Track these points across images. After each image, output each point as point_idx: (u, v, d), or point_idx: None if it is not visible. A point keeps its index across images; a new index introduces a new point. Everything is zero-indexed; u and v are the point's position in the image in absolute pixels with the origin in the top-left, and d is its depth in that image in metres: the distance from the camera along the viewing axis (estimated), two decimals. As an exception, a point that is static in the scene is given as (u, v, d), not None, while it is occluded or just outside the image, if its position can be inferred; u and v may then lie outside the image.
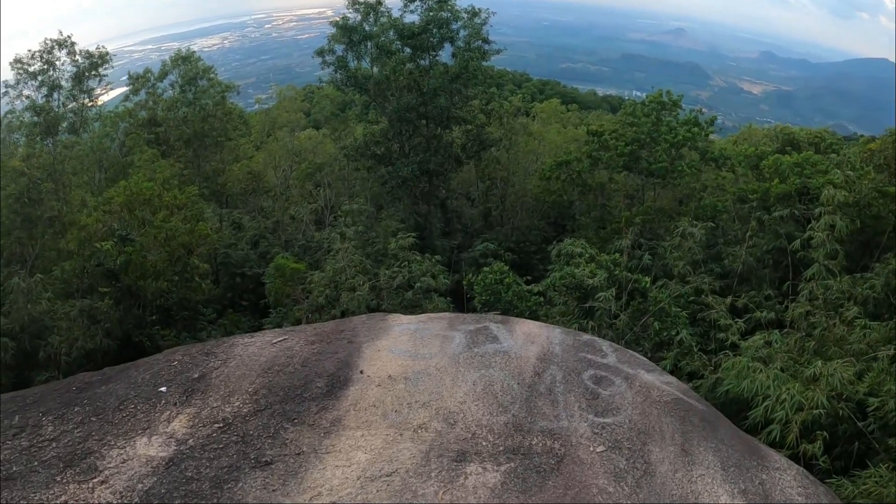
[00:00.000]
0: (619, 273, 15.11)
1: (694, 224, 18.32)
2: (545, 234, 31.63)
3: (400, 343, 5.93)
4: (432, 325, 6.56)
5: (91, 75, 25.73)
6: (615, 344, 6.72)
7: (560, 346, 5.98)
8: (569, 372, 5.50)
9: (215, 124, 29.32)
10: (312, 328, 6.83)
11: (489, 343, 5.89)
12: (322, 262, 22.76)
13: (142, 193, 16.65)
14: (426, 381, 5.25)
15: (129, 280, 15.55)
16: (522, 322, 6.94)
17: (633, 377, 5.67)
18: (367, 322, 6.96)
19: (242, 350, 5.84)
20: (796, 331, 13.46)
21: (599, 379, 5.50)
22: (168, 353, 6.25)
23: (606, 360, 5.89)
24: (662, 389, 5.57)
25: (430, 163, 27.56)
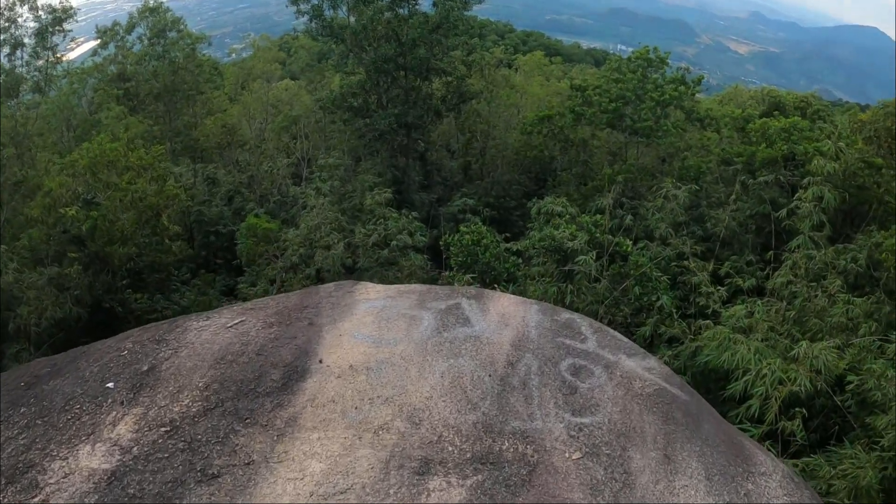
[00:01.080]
0: (601, 236, 14.74)
1: (678, 186, 17.98)
2: (525, 189, 31.15)
3: (364, 326, 5.52)
4: (400, 303, 6.15)
5: (55, 31, 24.45)
6: (595, 323, 6.37)
7: (536, 329, 5.60)
8: (545, 361, 5.13)
9: (186, 77, 28.22)
10: (274, 304, 6.39)
11: (460, 326, 5.49)
12: (297, 217, 22.21)
13: (105, 155, 15.87)
14: (390, 372, 4.86)
15: (96, 246, 14.93)
16: (497, 298, 6.55)
17: (613, 365, 5.33)
18: (333, 295, 6.55)
19: (195, 336, 5.42)
20: (778, 300, 13.34)
21: (578, 369, 5.14)
22: (120, 338, 5.81)
23: (586, 346, 5.53)
24: (644, 379, 5.23)
25: (408, 115, 26.79)
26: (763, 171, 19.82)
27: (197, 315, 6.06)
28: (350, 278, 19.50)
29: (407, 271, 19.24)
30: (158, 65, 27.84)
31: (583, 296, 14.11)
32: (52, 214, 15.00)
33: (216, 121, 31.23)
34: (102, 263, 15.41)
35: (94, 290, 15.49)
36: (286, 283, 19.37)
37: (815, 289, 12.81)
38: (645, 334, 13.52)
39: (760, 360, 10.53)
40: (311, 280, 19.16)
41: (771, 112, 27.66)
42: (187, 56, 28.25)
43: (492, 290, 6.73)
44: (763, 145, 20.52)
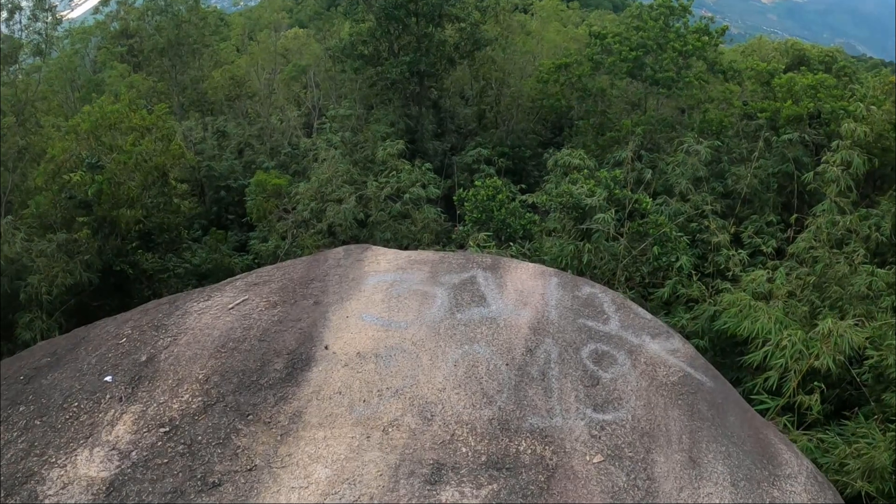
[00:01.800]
0: (619, 192, 14.28)
1: (699, 140, 17.42)
2: (541, 139, 30.52)
3: (373, 305, 5.22)
4: (412, 276, 5.83)
5: (52, -11, 23.72)
6: (618, 297, 6.03)
7: (557, 308, 5.27)
8: (566, 347, 4.81)
9: (190, 31, 27.38)
10: (279, 276, 6.09)
11: (475, 306, 5.17)
12: (309, 170, 21.84)
13: (107, 118, 15.44)
14: (400, 359, 4.58)
15: (103, 210, 14.64)
16: (514, 269, 6.20)
17: (637, 349, 5.01)
18: (342, 264, 6.23)
19: (195, 321, 5.14)
20: (798, 264, 13.00)
21: (601, 356, 4.83)
22: (120, 322, 5.55)
23: (609, 328, 5.20)
24: (669, 365, 4.92)
25: (420, 63, 26.01)
26: (787, 128, 19.21)
27: (199, 293, 5.79)
28: (362, 232, 19.33)
29: (420, 224, 18.94)
30: (161, 19, 27.06)
31: (600, 254, 13.75)
32: (57, 181, 14.69)
33: (224, 73, 30.58)
34: (111, 227, 15.15)
35: (103, 255, 15.27)
36: (297, 238, 19.15)
37: (837, 255, 12.45)
38: (663, 296, 13.23)
39: (781, 330, 10.29)
40: (323, 235, 18.91)
41: (795, 66, 26.71)
42: (191, 9, 27.42)
43: (508, 259, 6.38)
44: (789, 102, 19.77)
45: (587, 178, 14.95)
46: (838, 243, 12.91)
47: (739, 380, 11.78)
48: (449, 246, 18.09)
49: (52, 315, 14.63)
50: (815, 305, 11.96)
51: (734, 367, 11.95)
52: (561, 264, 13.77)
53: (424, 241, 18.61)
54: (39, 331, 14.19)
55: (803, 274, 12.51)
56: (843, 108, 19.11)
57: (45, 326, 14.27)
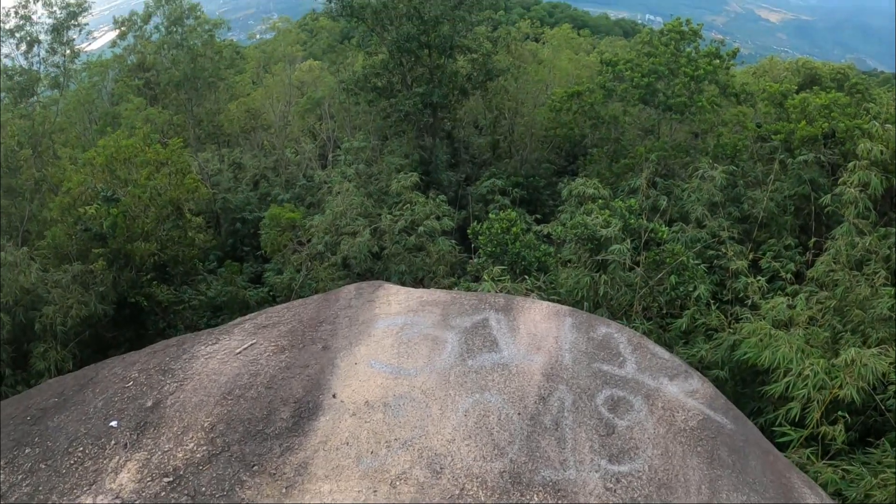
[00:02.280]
0: (635, 222, 14.14)
1: (714, 166, 17.27)
2: (555, 167, 30.45)
3: (382, 350, 5.13)
4: (423, 319, 5.74)
5: (70, 25, 24.24)
6: (635, 336, 5.89)
7: (571, 352, 5.14)
8: (580, 394, 4.68)
9: (206, 64, 27.84)
10: (289, 317, 6.02)
11: (486, 351, 5.06)
12: (323, 202, 21.91)
13: (122, 152, 15.64)
14: (409, 409, 4.47)
15: (117, 243, 14.74)
16: (528, 309, 6.09)
17: (654, 393, 4.87)
18: (353, 305, 6.15)
19: (202, 365, 5.07)
20: (818, 288, 12.76)
21: (616, 402, 4.69)
22: (128, 363, 5.50)
23: (625, 371, 5.07)
24: (688, 409, 4.77)
25: (433, 95, 26.12)
26: (802, 149, 19.00)
27: (207, 335, 5.73)
28: (377, 264, 19.29)
29: (435, 256, 18.86)
30: (177, 53, 27.52)
31: (616, 286, 13.60)
32: (72, 213, 14.84)
33: (240, 105, 30.92)
34: (126, 260, 15.24)
35: (118, 287, 15.35)
36: (312, 271, 19.14)
37: (857, 277, 12.20)
38: (681, 327, 13.02)
39: (802, 359, 10.03)
40: (338, 268, 18.88)
41: (808, 85, 26.55)
42: (206, 42, 27.89)
43: (522, 299, 6.28)
44: (803, 122, 19.58)
45: (602, 207, 14.84)
46: (858, 265, 12.69)
47: (760, 410, 11.51)
48: (464, 278, 17.97)
49: (66, 346, 14.69)
50: (837, 330, 11.76)
51: (755, 397, 11.69)
52: (577, 297, 13.61)
53: (440, 274, 18.52)
54: (54, 361, 14.25)
55: (823, 298, 12.29)
56: (858, 126, 18.92)
57: (59, 357, 14.33)
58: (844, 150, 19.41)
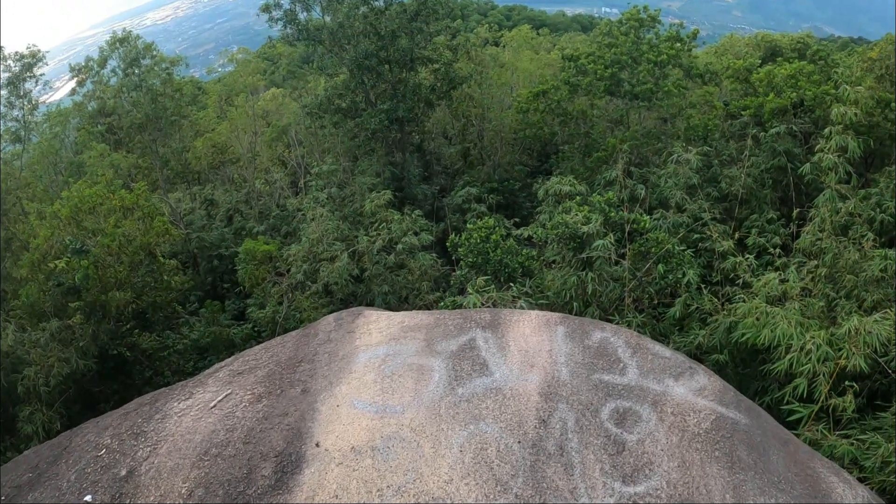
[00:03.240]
0: (616, 216, 13.90)
1: (688, 149, 17.13)
2: (529, 169, 30.32)
3: (364, 388, 4.76)
4: (406, 347, 5.39)
5: (26, 77, 23.78)
6: (633, 337, 5.58)
7: (567, 364, 4.81)
8: (583, 410, 4.35)
9: (167, 103, 27.39)
10: (266, 359, 5.66)
11: (477, 376, 4.71)
12: (299, 230, 21.53)
13: (85, 202, 15.20)
14: (400, 451, 4.11)
15: (91, 296, 14.31)
16: (516, 322, 5.77)
17: (661, 398, 4.56)
18: (332, 339, 5.80)
19: (175, 425, 4.70)
20: (806, 258, 12.61)
21: (623, 415, 4.36)
22: (99, 429, 5.11)
23: (627, 378, 4.75)
24: (698, 410, 4.47)
25: (398, 110, 25.87)
26: (773, 121, 18.93)
27: (181, 389, 5.36)
28: (360, 287, 18.90)
29: (417, 273, 18.53)
30: (137, 94, 27.06)
31: (604, 282, 13.34)
32: (43, 269, 14.38)
33: (205, 141, 30.48)
34: (102, 311, 14.79)
35: (98, 340, 14.89)
36: (294, 302, 18.74)
37: (844, 242, 12.07)
38: (675, 315, 12.79)
39: (803, 333, 9.84)
40: (320, 295, 18.50)
41: (769, 58, 26.62)
42: (164, 81, 27.45)
43: (508, 312, 5.95)
44: (771, 95, 19.52)
45: (580, 204, 14.61)
46: (843, 230, 12.59)
47: (765, 389, 11.29)
48: (449, 291, 17.65)
49: (52, 406, 14.25)
50: (831, 298, 11.65)
51: (757, 376, 11.49)
52: (565, 298, 13.34)
53: (424, 290, 18.22)
54: (41, 423, 13.86)
55: (813, 267, 12.17)
56: (826, 92, 18.91)
57: (45, 418, 13.93)
58: (815, 118, 19.45)
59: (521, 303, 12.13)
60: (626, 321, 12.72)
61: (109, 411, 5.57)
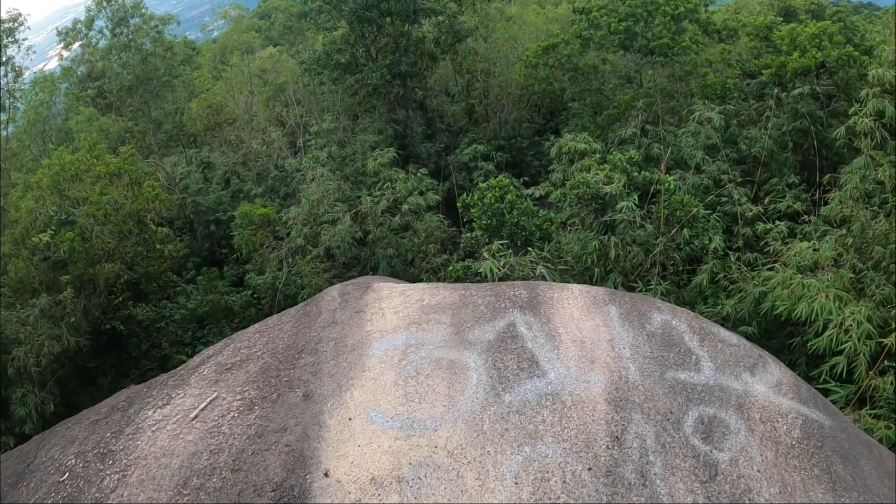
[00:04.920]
0: (638, 176, 12.96)
1: (711, 107, 16.22)
2: (536, 126, 29.22)
3: (383, 393, 3.85)
4: (430, 335, 4.49)
5: (8, 43, 22.54)
6: (694, 320, 4.72)
7: (634, 359, 3.91)
8: (663, 423, 3.47)
9: (158, 63, 26.11)
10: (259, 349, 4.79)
11: (526, 377, 3.78)
12: (298, 191, 20.62)
13: (67, 170, 14.20)
14: (435, 483, 3.22)
15: (78, 270, 13.47)
16: (560, 302, 4.80)
17: (745, 401, 3.72)
18: (338, 321, 4.92)
19: (149, 443, 3.84)
20: (830, 226, 12.18)
21: (709, 426, 3.51)
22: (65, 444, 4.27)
23: (704, 375, 3.89)
24: (785, 413, 3.66)
25: (400, 64, 24.65)
26: (796, 82, 18.05)
27: (159, 389, 4.48)
28: (363, 251, 18.02)
29: (423, 235, 17.67)
30: (126, 55, 25.76)
31: (628, 247, 12.46)
32: (27, 244, 13.50)
33: (200, 102, 29.31)
34: (93, 285, 13.95)
35: (89, 315, 14.08)
36: (294, 267, 17.94)
37: (874, 211, 11.54)
38: (702, 284, 12.03)
39: (842, 309, 9.31)
40: (321, 260, 17.69)
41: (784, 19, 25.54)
42: (155, 40, 26.12)
43: (546, 287, 5.04)
44: (795, 54, 18.56)
45: (599, 162, 13.68)
46: (865, 197, 11.97)
47: (793, 363, 10.68)
48: (457, 253, 16.86)
49: (44, 387, 13.58)
50: (859, 269, 10.96)
51: (784, 349, 10.94)
52: (586, 263, 12.52)
53: (430, 253, 17.41)
54: (33, 405, 13.27)
55: (841, 237, 11.56)
56: (849, 54, 18.01)
57: (38, 400, 13.32)
58: (837, 80, 18.56)
59: (540, 269, 11.33)
60: (650, 289, 11.96)
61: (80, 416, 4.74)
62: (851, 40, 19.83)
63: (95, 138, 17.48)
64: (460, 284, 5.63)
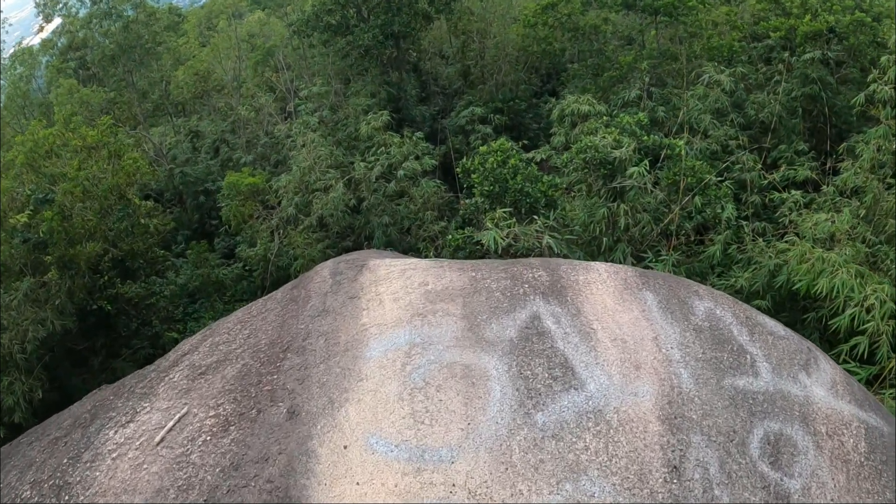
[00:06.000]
0: (649, 140, 12.27)
1: (721, 69, 15.50)
2: (535, 89, 28.32)
3: (384, 410, 3.20)
4: (439, 331, 3.84)
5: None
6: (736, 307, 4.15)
7: (685, 363, 3.27)
8: (726, 445, 2.87)
9: (141, 31, 25.02)
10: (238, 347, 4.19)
11: (560, 389, 3.11)
12: (289, 159, 19.90)
13: (41, 145, 13.41)
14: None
15: (58, 250, 12.80)
16: (587, 287, 4.14)
17: (808, 411, 3.15)
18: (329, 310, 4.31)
19: (108, 475, 3.24)
20: (840, 197, 11.74)
21: (776, 446, 2.94)
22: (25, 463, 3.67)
23: (763, 381, 3.31)
24: (848, 423, 3.13)
25: (393, 24, 23.67)
26: (806, 46, 17.35)
27: (124, 402, 3.88)
28: (357, 219, 17.35)
29: (420, 201, 17.00)
30: (107, 24, 24.65)
31: (638, 215, 11.82)
32: (5, 226, 12.80)
33: (187, 70, 28.33)
34: (77, 266, 13.31)
35: (74, 296, 13.45)
36: (286, 238, 17.33)
37: (887, 182, 11.16)
38: (715, 255, 11.47)
39: (863, 286, 8.93)
40: (314, 230, 17.07)
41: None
42: (137, 6, 25.01)
43: (567, 266, 4.42)
44: (807, 17, 17.81)
45: (606, 125, 12.98)
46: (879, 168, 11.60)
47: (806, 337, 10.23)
48: (455, 220, 16.27)
49: (31, 373, 13.05)
50: (872, 243, 10.54)
51: (797, 323, 10.50)
52: (594, 232, 11.90)
53: (427, 220, 16.74)
54: (21, 393, 12.71)
55: (855, 209, 11.09)
56: (860, 20, 17.38)
57: (26, 388, 12.76)
58: (848, 46, 17.91)
59: (546, 239, 10.74)
60: (660, 260, 11.40)
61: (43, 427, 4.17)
62: (860, 6, 19.03)
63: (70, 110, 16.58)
64: (468, 263, 4.97)
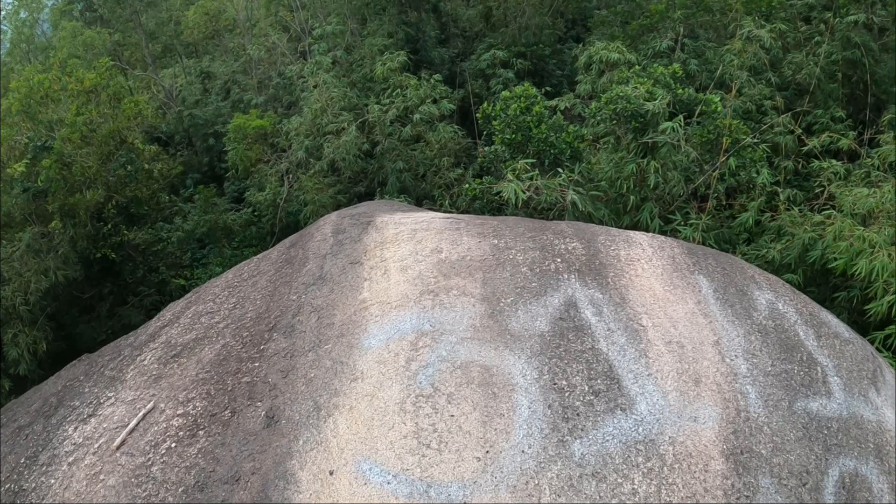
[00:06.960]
0: (684, 94, 11.47)
1: (761, 24, 14.53)
2: (559, 34, 27.11)
3: (382, 426, 2.62)
4: (452, 317, 3.24)
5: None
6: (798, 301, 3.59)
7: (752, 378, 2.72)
8: (798, 492, 2.36)
9: (147, -33, 24.06)
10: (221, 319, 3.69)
11: (605, 410, 2.54)
12: (301, 100, 19.18)
13: (36, 91, 12.76)
14: None
15: (58, 199, 12.35)
16: (629, 266, 3.56)
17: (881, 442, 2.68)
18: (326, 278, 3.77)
19: (62, 486, 2.92)
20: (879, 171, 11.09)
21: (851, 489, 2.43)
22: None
23: (836, 402, 2.78)
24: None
25: (413, -39, 22.61)
26: (850, 7, 16.23)
27: (90, 389, 3.38)
28: (371, 164, 16.71)
29: (436, 147, 16.32)
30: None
31: (668, 173, 11.12)
32: (3, 176, 12.34)
33: (197, 9, 27.36)
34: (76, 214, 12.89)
35: (77, 245, 13.08)
36: (296, 182, 16.78)
37: None
38: (748, 223, 10.85)
39: None
40: (325, 174, 16.47)
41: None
42: (145, -59, 23.97)
43: (603, 234, 3.83)
44: (853, -25, 16.62)
45: (638, 75, 12.15)
46: None
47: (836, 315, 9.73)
48: (472, 168, 15.59)
49: (35, 324, 12.80)
50: None
51: (827, 300, 9.98)
52: (621, 189, 11.24)
53: (444, 167, 16.08)
54: (25, 346, 12.52)
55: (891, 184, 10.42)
56: None
57: (30, 340, 12.55)
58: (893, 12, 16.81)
59: (571, 194, 10.12)
60: (690, 224, 10.77)
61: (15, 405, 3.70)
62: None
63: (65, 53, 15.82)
64: (489, 224, 4.34)
